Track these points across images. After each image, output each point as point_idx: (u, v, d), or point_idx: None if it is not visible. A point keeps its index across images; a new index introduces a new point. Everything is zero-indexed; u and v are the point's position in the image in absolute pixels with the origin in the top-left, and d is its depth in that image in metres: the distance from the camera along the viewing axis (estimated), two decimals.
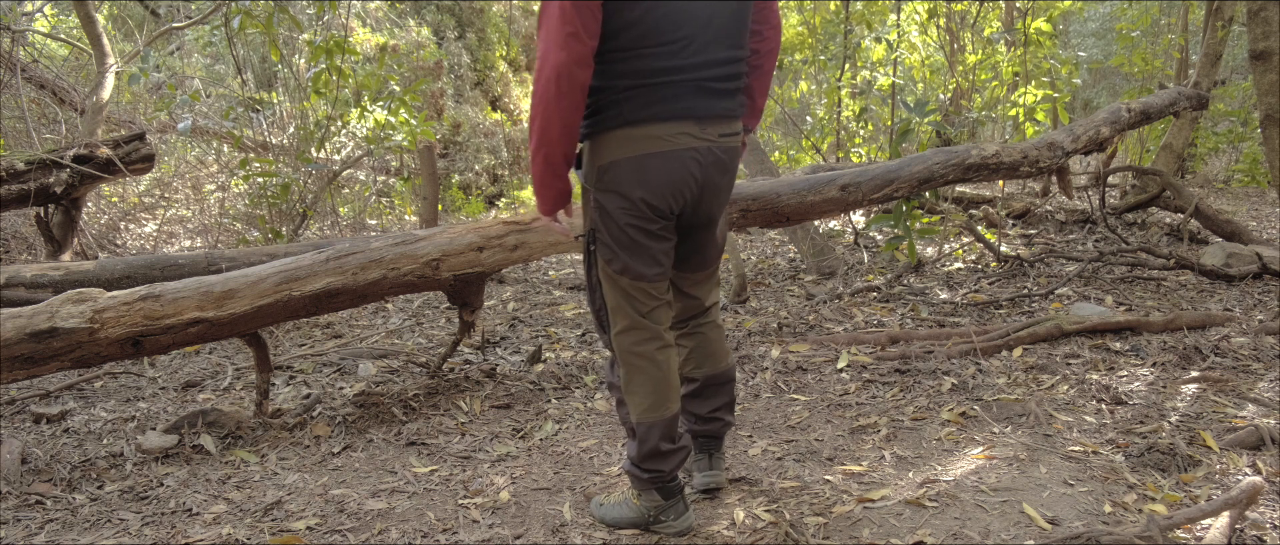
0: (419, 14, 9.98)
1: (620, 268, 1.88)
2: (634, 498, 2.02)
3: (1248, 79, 8.63)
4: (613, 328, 1.94)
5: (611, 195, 1.85)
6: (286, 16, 4.45)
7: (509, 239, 2.90)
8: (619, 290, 1.90)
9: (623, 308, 1.91)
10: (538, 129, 1.76)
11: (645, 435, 1.94)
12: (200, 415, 2.68)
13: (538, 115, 1.75)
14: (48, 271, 3.04)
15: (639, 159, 1.82)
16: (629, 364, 1.94)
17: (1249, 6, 3.99)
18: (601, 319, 1.98)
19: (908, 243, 4.36)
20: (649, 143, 1.82)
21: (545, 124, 1.75)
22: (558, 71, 1.70)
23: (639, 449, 1.95)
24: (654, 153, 1.82)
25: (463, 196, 8.78)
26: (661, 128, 1.81)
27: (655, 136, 1.81)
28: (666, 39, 1.78)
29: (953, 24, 9.29)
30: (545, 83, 1.72)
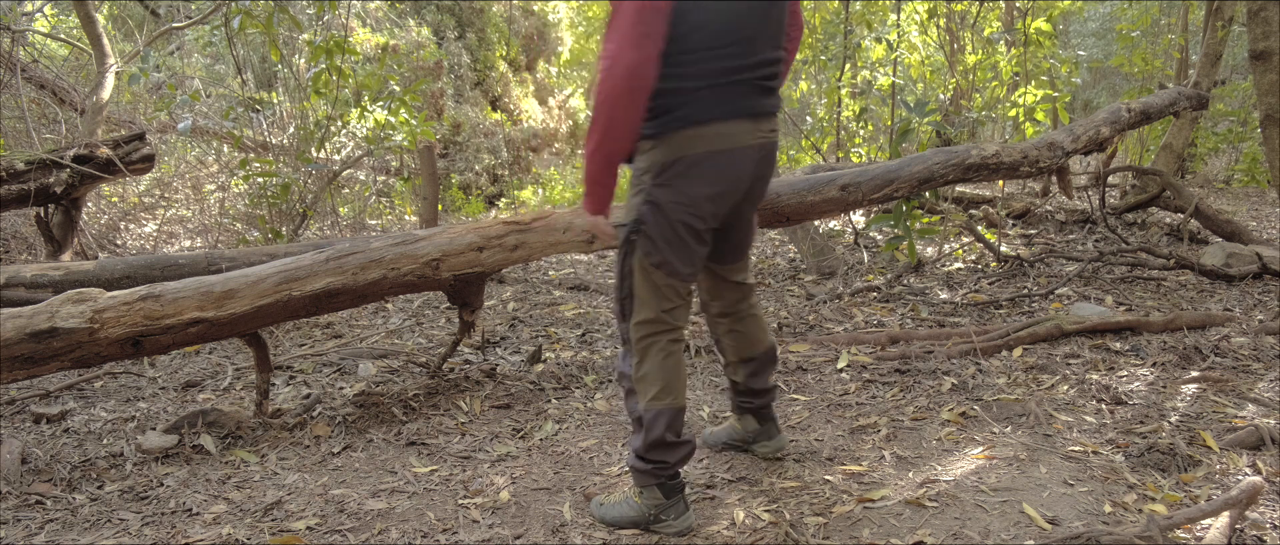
0: (419, 14, 9.98)
1: (659, 262, 1.94)
2: (635, 496, 2.03)
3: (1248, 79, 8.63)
4: (634, 316, 1.99)
5: (669, 191, 1.90)
6: (286, 16, 4.45)
7: (509, 239, 2.90)
8: (650, 284, 1.96)
9: (649, 300, 1.97)
10: (603, 126, 1.79)
11: (652, 423, 1.96)
12: (200, 415, 2.68)
13: (604, 113, 1.78)
14: (48, 271, 3.04)
15: (705, 156, 1.89)
16: (643, 352, 1.99)
17: (1249, 6, 3.99)
18: (625, 307, 2.01)
19: (908, 243, 4.36)
20: (716, 141, 1.89)
21: (612, 122, 1.79)
22: (631, 70, 1.74)
23: (645, 438, 1.98)
24: (721, 151, 1.90)
25: (463, 196, 8.78)
26: (727, 126, 1.89)
27: (721, 135, 1.89)
28: (732, 40, 1.86)
29: (953, 24, 9.29)
30: (617, 81, 1.75)
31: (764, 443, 2.39)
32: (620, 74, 1.74)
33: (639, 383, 1.99)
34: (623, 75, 1.74)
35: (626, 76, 1.74)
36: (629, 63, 1.74)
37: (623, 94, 1.76)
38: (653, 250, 1.93)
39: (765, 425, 2.39)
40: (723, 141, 1.89)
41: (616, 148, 1.83)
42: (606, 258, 5.78)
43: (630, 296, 1.99)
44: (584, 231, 3.01)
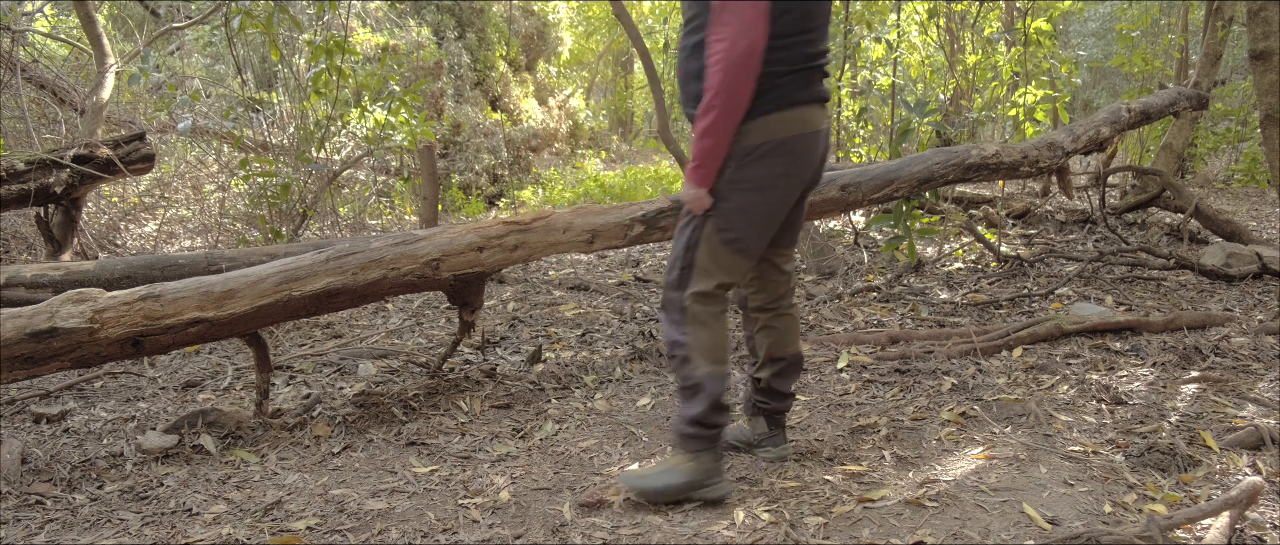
0: (419, 14, 9.98)
1: (732, 238, 2.04)
2: (686, 462, 2.09)
3: (1248, 79, 8.63)
4: (693, 287, 2.06)
5: (755, 170, 2.00)
6: (286, 16, 4.45)
7: (509, 239, 2.90)
8: (717, 258, 2.05)
9: (713, 274, 2.06)
10: (724, 104, 1.89)
11: (714, 388, 2.06)
12: (200, 415, 2.68)
13: (725, 92, 1.88)
14: (48, 271, 3.04)
15: (791, 139, 2.01)
16: (702, 322, 2.07)
17: (1249, 6, 3.99)
18: (683, 277, 2.08)
19: (908, 243, 4.36)
20: (799, 124, 2.02)
21: (735, 100, 1.89)
22: (753, 49, 1.85)
23: (707, 403, 2.06)
24: (803, 134, 2.03)
25: (463, 196, 8.78)
26: (809, 110, 2.03)
27: (803, 119, 2.02)
28: (810, 26, 2.00)
29: (953, 24, 9.29)
30: (741, 59, 1.85)
31: (769, 448, 2.41)
32: (742, 51, 1.84)
33: (696, 350, 2.06)
34: (744, 52, 1.85)
35: (747, 53, 1.85)
36: (751, 42, 1.85)
37: (742, 70, 1.86)
38: (727, 226, 2.03)
39: (775, 431, 2.41)
40: (804, 125, 2.02)
41: (733, 122, 1.93)
42: (606, 258, 5.78)
43: (691, 267, 2.06)
44: (584, 231, 3.01)
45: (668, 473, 2.11)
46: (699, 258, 2.06)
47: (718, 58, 1.88)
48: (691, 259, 2.07)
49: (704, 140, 1.95)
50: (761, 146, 1.99)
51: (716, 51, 1.88)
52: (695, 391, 2.07)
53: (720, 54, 1.87)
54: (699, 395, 2.06)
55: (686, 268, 2.07)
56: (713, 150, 1.97)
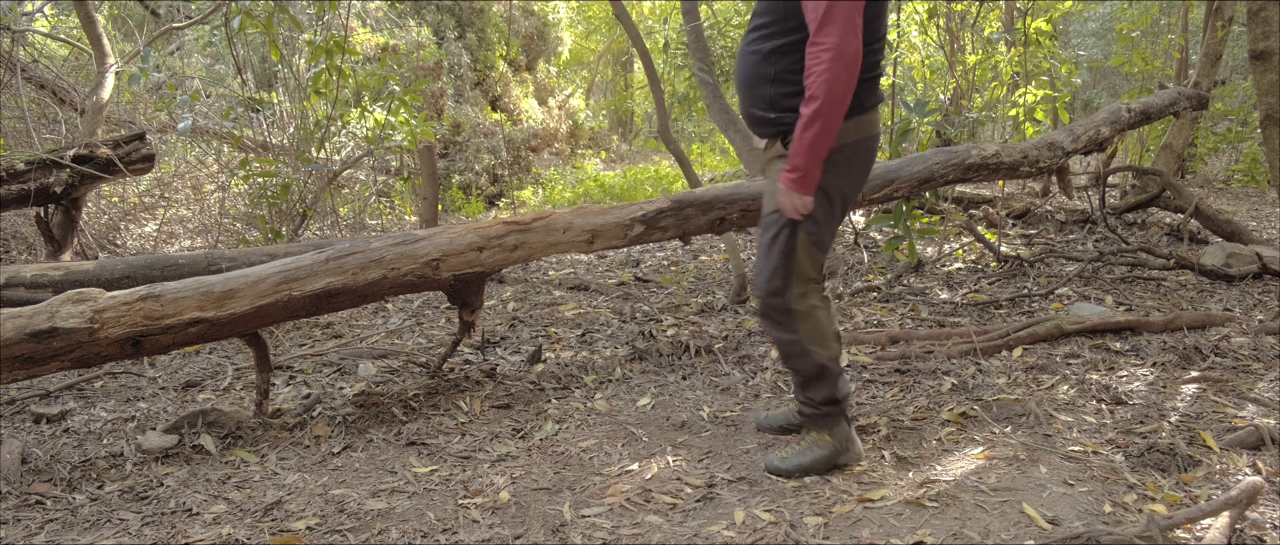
0: (419, 14, 9.98)
1: (818, 240, 2.17)
2: (824, 437, 2.28)
3: (1248, 79, 8.63)
4: (794, 289, 2.19)
5: (837, 172, 2.11)
6: (286, 16, 4.45)
7: (509, 239, 2.90)
8: (810, 259, 2.19)
9: (808, 273, 2.20)
10: (829, 113, 1.97)
11: (834, 366, 2.24)
12: (200, 415, 2.68)
13: (832, 100, 1.95)
14: (48, 271, 3.04)
15: (866, 140, 2.15)
16: (812, 317, 2.22)
17: (1249, 6, 3.99)
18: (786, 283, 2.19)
19: (908, 243, 4.36)
20: (871, 127, 2.15)
21: (838, 106, 1.97)
22: (856, 58, 1.93)
23: (833, 384, 2.25)
24: (874, 135, 2.17)
25: (463, 196, 8.78)
26: (876, 113, 2.17)
27: (873, 121, 2.16)
28: (880, 34, 2.11)
29: (953, 24, 9.29)
30: (845, 68, 1.93)
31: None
32: (847, 62, 1.92)
33: (815, 344, 2.22)
34: (849, 63, 1.93)
35: (851, 64, 1.93)
36: (853, 51, 1.92)
37: (847, 80, 1.94)
38: (815, 229, 2.15)
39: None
40: (874, 127, 2.16)
41: (836, 126, 2.01)
42: (606, 258, 5.78)
43: (791, 272, 2.18)
44: (584, 231, 3.01)
45: (806, 451, 2.29)
46: (798, 262, 2.17)
47: (826, 64, 1.93)
48: (790, 265, 2.17)
49: (812, 149, 2.01)
50: (841, 149, 2.09)
51: (823, 58, 1.93)
52: (820, 376, 2.25)
53: (829, 61, 1.93)
54: (824, 379, 2.25)
55: (787, 273, 2.18)
56: (819, 156, 2.03)
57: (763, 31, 2.12)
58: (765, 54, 2.11)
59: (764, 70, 2.12)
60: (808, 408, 2.30)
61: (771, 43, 2.09)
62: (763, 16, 2.12)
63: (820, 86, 1.94)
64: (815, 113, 1.97)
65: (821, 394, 2.27)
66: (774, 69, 2.09)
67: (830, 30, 1.92)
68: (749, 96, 2.20)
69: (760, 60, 2.12)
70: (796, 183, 2.07)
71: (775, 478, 2.28)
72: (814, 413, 2.29)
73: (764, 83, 2.12)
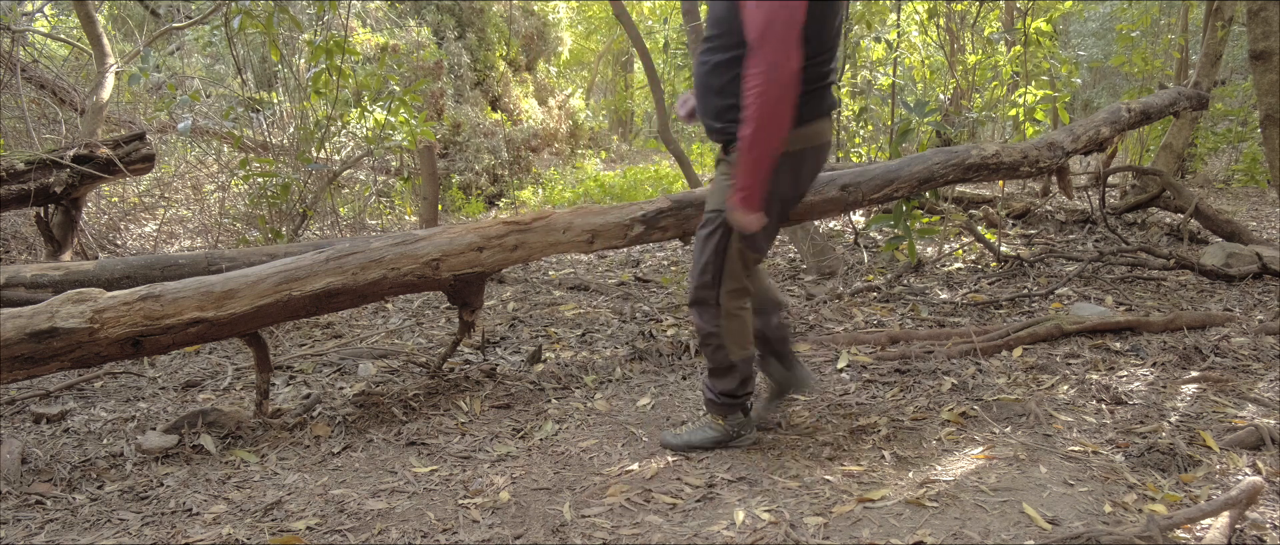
0: (419, 14, 9.98)
1: (753, 245, 2.24)
2: (717, 421, 2.46)
3: (1248, 79, 8.62)
4: (725, 287, 2.29)
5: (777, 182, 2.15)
6: (286, 16, 4.45)
7: (509, 239, 2.90)
8: (742, 261, 2.26)
9: (738, 274, 2.28)
10: (771, 129, 1.99)
11: (745, 368, 2.38)
12: (200, 415, 2.68)
13: (772, 116, 1.97)
14: (48, 271, 3.04)
15: (805, 152, 2.17)
16: (734, 315, 2.32)
17: (1249, 6, 3.99)
18: (715, 278, 2.29)
19: (908, 243, 4.36)
20: (815, 138, 2.17)
21: (777, 123, 1.99)
22: (793, 75, 1.95)
23: (737, 379, 2.38)
24: (817, 146, 2.19)
25: (463, 196, 8.78)
26: (822, 124, 2.19)
27: (818, 132, 2.18)
28: (827, 46, 2.11)
29: (953, 24, 9.29)
30: (783, 86, 1.94)
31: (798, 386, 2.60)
32: (785, 79, 1.94)
33: (729, 338, 2.33)
34: (787, 80, 1.94)
35: (790, 81, 1.95)
36: (791, 68, 1.94)
37: (786, 97, 1.96)
38: (751, 235, 2.21)
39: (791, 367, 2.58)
40: (817, 138, 2.18)
41: (775, 146, 2.04)
42: (606, 258, 5.78)
43: (722, 271, 2.27)
44: (584, 231, 3.01)
45: (701, 430, 2.49)
46: (729, 263, 2.26)
47: (761, 86, 1.95)
48: (722, 264, 2.26)
49: (756, 167, 2.05)
50: (789, 157, 2.14)
51: (758, 79, 1.95)
52: (728, 371, 2.38)
53: (764, 78, 1.94)
54: (731, 374, 2.38)
55: (718, 271, 2.27)
56: (762, 175, 2.07)
57: (711, 43, 2.16)
58: (713, 66, 2.14)
59: (712, 81, 2.15)
60: (709, 394, 2.45)
61: (718, 56, 2.12)
62: (712, 28, 2.16)
63: (755, 109, 1.97)
64: (753, 136, 2.01)
65: (727, 386, 2.40)
66: (719, 81, 2.12)
67: (764, 51, 1.94)
68: (701, 105, 2.25)
69: (709, 71, 2.16)
70: (743, 201, 2.12)
71: (775, 477, 2.29)
72: (714, 400, 2.44)
73: (711, 94, 2.16)
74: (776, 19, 1.93)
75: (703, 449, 2.48)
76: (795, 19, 1.94)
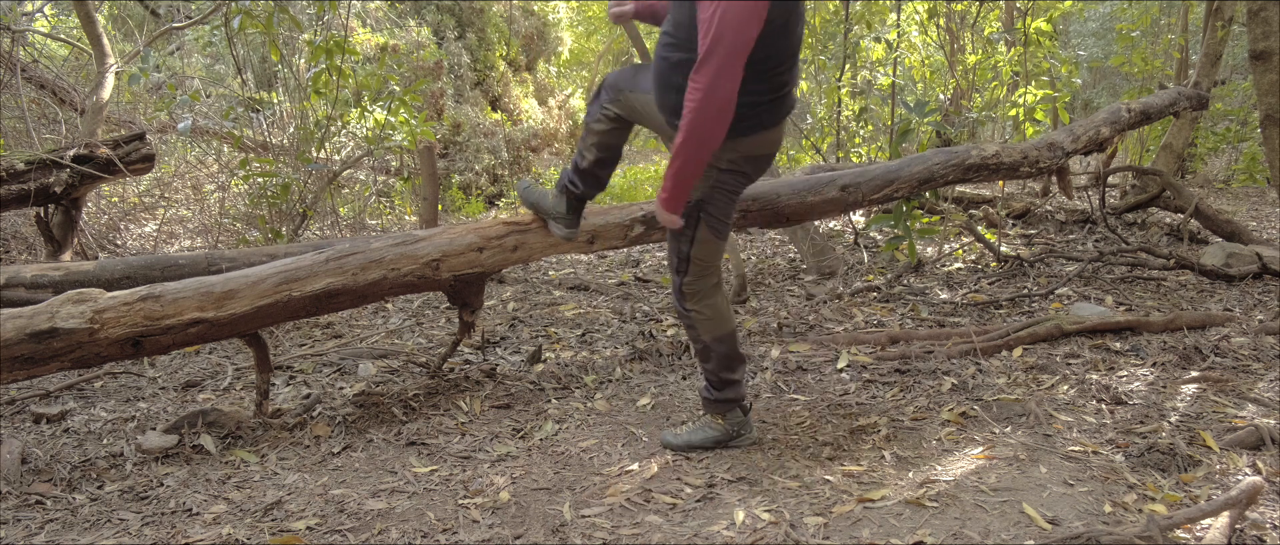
0: (419, 14, 9.97)
1: (718, 232, 2.36)
2: (717, 421, 2.49)
3: (1248, 79, 8.62)
4: (692, 272, 2.39)
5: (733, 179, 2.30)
6: (286, 16, 4.45)
7: (509, 240, 2.90)
8: (709, 247, 2.37)
9: (707, 260, 2.38)
10: (696, 146, 2.08)
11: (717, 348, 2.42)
12: (200, 415, 2.68)
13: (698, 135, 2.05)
14: (48, 272, 3.04)
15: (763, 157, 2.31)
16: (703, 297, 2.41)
17: (1249, 6, 3.99)
18: (685, 265, 2.39)
19: (908, 243, 4.36)
20: (770, 145, 2.30)
21: (704, 142, 2.07)
22: (727, 100, 2.02)
23: (714, 360, 2.43)
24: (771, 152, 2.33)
25: (463, 196, 8.78)
26: (776, 131, 2.29)
27: (773, 139, 2.29)
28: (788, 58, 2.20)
29: (953, 24, 9.29)
30: (714, 110, 2.02)
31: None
32: (717, 104, 2.01)
33: (700, 320, 2.41)
34: (719, 105, 2.01)
35: (722, 106, 2.02)
36: (724, 94, 2.01)
37: (716, 120, 2.04)
38: (714, 222, 2.34)
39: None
40: (772, 145, 2.31)
41: (704, 162, 2.14)
42: (606, 258, 5.78)
43: (690, 257, 2.37)
44: (584, 232, 3.01)
45: (699, 430, 2.51)
46: (697, 250, 2.36)
47: (697, 104, 2.02)
48: (689, 250, 2.37)
49: (680, 177, 2.15)
50: (742, 161, 2.28)
51: (695, 97, 2.02)
52: (705, 354, 2.45)
53: (699, 101, 2.01)
54: (709, 356, 2.44)
55: (687, 258, 2.38)
56: (685, 185, 2.18)
57: (669, 40, 2.21)
58: (673, 63, 2.19)
59: (671, 79, 2.20)
60: (706, 394, 2.50)
61: (676, 54, 2.17)
62: (669, 26, 2.21)
63: (688, 125, 2.04)
64: (682, 146, 2.08)
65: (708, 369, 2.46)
66: (678, 79, 2.15)
67: (706, 70, 1.99)
68: (660, 97, 2.29)
69: (669, 68, 2.20)
70: (665, 203, 2.23)
71: (775, 477, 2.29)
72: (709, 399, 2.49)
73: (671, 90, 2.20)
74: (725, 37, 1.96)
75: (703, 449, 2.50)
76: (744, 42, 1.98)
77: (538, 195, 2.84)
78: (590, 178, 2.65)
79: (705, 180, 2.27)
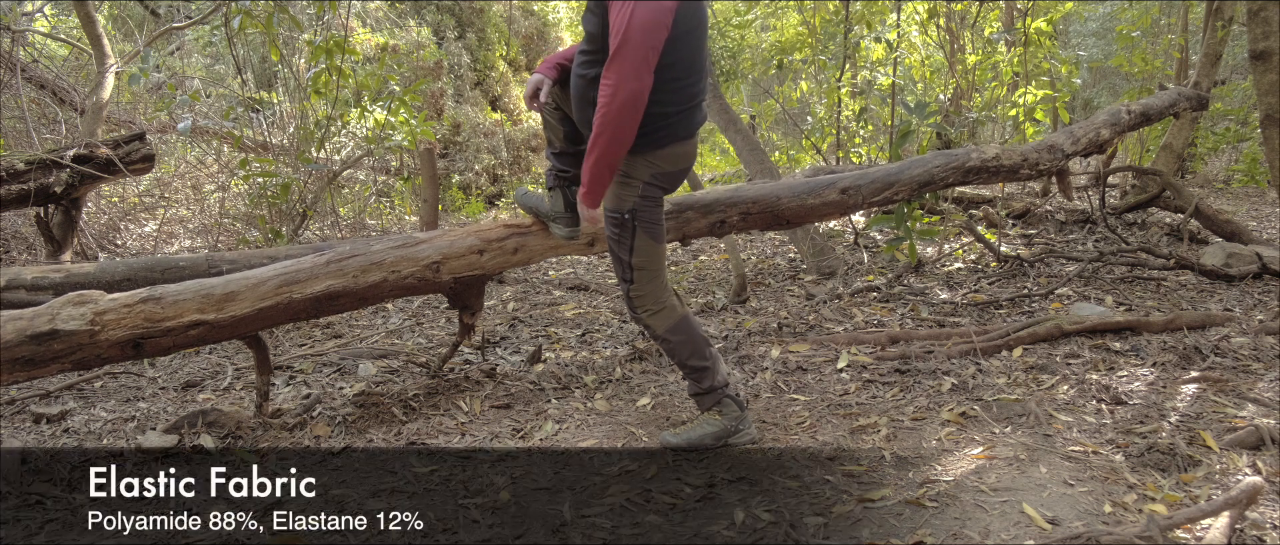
0: (419, 14, 9.97)
1: (654, 235, 2.41)
2: (714, 416, 2.48)
3: (1248, 79, 8.62)
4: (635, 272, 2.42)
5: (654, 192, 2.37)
6: (286, 16, 4.45)
7: (509, 242, 2.90)
8: (648, 252, 2.41)
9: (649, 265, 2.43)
10: (608, 142, 2.16)
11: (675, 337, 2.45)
12: (200, 415, 2.68)
13: (609, 132, 2.14)
14: (48, 273, 3.04)
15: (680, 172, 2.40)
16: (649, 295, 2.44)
17: (1249, 6, 3.99)
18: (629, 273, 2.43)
19: (908, 243, 4.36)
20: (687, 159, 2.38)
21: (614, 140, 2.15)
22: (634, 97, 2.10)
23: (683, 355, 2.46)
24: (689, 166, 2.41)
25: (463, 197, 8.78)
26: (691, 142, 2.38)
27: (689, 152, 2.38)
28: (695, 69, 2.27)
29: (953, 24, 9.28)
30: (621, 107, 2.10)
31: (562, 226, 2.77)
32: (623, 101, 2.09)
33: (652, 318, 2.45)
34: (625, 103, 2.09)
35: (629, 103, 2.10)
36: (635, 90, 2.09)
37: (626, 118, 2.12)
38: (649, 228, 2.39)
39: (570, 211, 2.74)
40: (688, 158, 2.39)
41: (617, 158, 2.21)
42: (606, 259, 5.78)
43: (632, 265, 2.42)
44: (585, 236, 3.01)
45: (698, 427, 2.50)
46: (639, 253, 2.41)
47: (605, 101, 2.10)
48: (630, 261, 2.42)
49: (594, 171, 2.22)
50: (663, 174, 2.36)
51: (604, 94, 2.10)
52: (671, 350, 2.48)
53: (607, 98, 2.10)
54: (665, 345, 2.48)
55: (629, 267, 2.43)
56: (603, 178, 2.25)
57: (587, 57, 2.28)
58: (590, 80, 2.26)
59: (589, 94, 2.27)
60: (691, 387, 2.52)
61: (592, 70, 2.25)
62: (584, 45, 2.29)
63: (602, 119, 2.12)
64: (594, 142, 2.17)
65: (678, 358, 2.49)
66: (594, 94, 2.22)
67: (615, 69, 2.08)
68: (579, 115, 2.39)
69: (587, 85, 2.28)
70: (585, 198, 2.30)
71: (775, 477, 2.29)
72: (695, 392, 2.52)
73: (588, 105, 2.27)
74: (634, 37, 2.05)
75: (704, 446, 2.49)
76: (654, 42, 2.07)
77: (535, 200, 2.87)
78: (570, 158, 2.66)
79: (631, 193, 2.34)
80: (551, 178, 2.74)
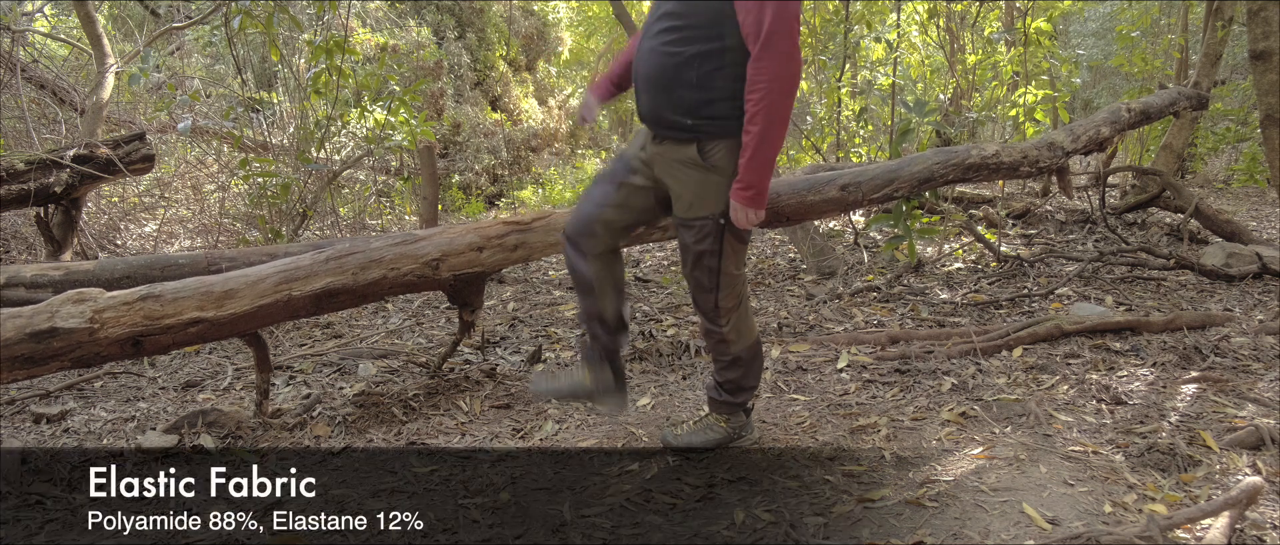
0: (419, 14, 9.98)
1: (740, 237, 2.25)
2: (722, 422, 2.46)
3: (1248, 79, 8.62)
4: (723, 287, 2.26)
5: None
6: (286, 16, 4.45)
7: (509, 239, 2.90)
8: (739, 254, 2.27)
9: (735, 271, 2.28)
10: (781, 128, 2.02)
11: (751, 359, 2.38)
12: (200, 415, 2.68)
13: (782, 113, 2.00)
14: (48, 271, 3.04)
15: None
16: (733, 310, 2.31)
17: (1249, 6, 3.99)
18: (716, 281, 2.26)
19: (908, 243, 4.36)
20: None
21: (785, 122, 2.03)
22: (797, 79, 2.00)
23: (741, 369, 2.37)
24: None
25: (463, 196, 8.78)
26: None
27: None
28: None
29: (953, 24, 9.29)
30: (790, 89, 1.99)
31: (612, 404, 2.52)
32: (794, 78, 1.99)
33: (732, 332, 2.32)
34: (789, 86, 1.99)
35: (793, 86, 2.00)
36: (793, 73, 1.99)
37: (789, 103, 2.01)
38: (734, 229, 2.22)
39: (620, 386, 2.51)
40: None
41: (780, 144, 2.07)
42: None
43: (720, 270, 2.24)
44: None
45: (701, 431, 2.47)
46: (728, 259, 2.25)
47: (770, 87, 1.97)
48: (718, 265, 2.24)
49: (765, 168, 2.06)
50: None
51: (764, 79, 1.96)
52: (733, 364, 2.38)
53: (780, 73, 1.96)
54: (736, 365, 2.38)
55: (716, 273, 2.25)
56: (769, 172, 2.09)
57: (681, 33, 2.07)
58: (687, 58, 2.06)
59: (686, 75, 2.07)
60: (715, 394, 2.45)
61: (694, 47, 2.05)
62: (678, 19, 2.08)
63: (766, 108, 1.98)
64: (763, 134, 2.01)
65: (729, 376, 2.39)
66: (696, 74, 2.06)
67: (773, 52, 1.96)
68: (664, 98, 2.14)
69: (681, 63, 2.07)
70: (752, 200, 2.11)
71: (775, 477, 2.29)
72: (717, 399, 2.45)
73: (685, 87, 2.08)
74: (786, 14, 1.94)
75: (704, 449, 2.48)
76: (799, 18, 1.98)
77: (566, 383, 2.49)
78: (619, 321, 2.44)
79: (724, 192, 2.15)
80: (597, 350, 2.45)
